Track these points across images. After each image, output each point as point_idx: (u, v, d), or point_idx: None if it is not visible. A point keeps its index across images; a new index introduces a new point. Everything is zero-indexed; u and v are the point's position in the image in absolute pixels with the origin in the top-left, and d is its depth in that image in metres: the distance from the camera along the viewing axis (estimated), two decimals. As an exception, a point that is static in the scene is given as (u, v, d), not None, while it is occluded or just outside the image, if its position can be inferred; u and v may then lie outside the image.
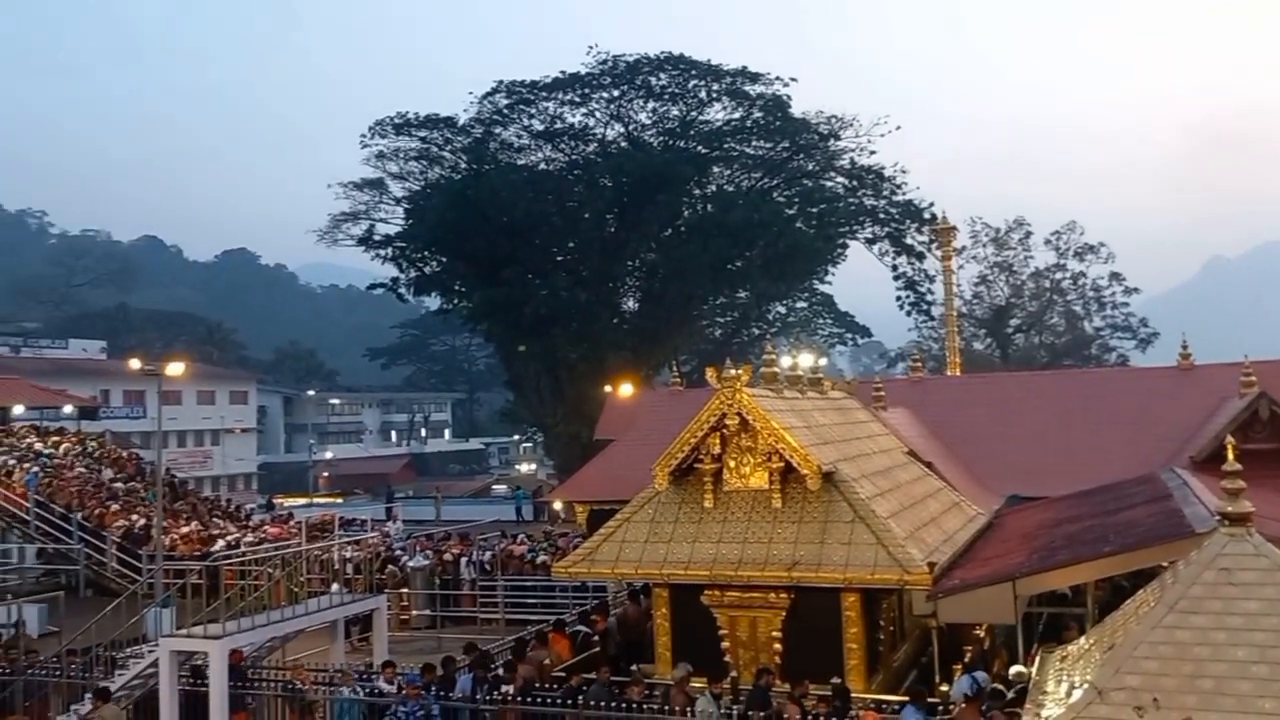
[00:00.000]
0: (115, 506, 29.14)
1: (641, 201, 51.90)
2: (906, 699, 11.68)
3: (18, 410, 35.25)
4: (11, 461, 30.90)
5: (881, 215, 55.27)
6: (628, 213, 53.24)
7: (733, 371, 13.75)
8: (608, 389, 34.73)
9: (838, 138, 55.15)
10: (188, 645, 14.04)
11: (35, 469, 30.25)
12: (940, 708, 11.56)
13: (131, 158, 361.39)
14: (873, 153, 54.85)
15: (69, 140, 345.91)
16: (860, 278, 59.18)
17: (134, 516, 28.51)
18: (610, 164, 53.43)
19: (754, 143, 55.84)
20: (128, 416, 60.46)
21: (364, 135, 55.29)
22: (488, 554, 25.08)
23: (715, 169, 56.60)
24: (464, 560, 24.74)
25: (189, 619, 14.72)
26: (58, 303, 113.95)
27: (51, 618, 21.12)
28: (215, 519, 30.38)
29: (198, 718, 13.82)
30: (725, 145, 55.46)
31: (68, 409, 37.41)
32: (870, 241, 55.62)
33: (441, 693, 13.25)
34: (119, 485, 31.56)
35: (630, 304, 57.49)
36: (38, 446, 32.77)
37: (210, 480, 66.75)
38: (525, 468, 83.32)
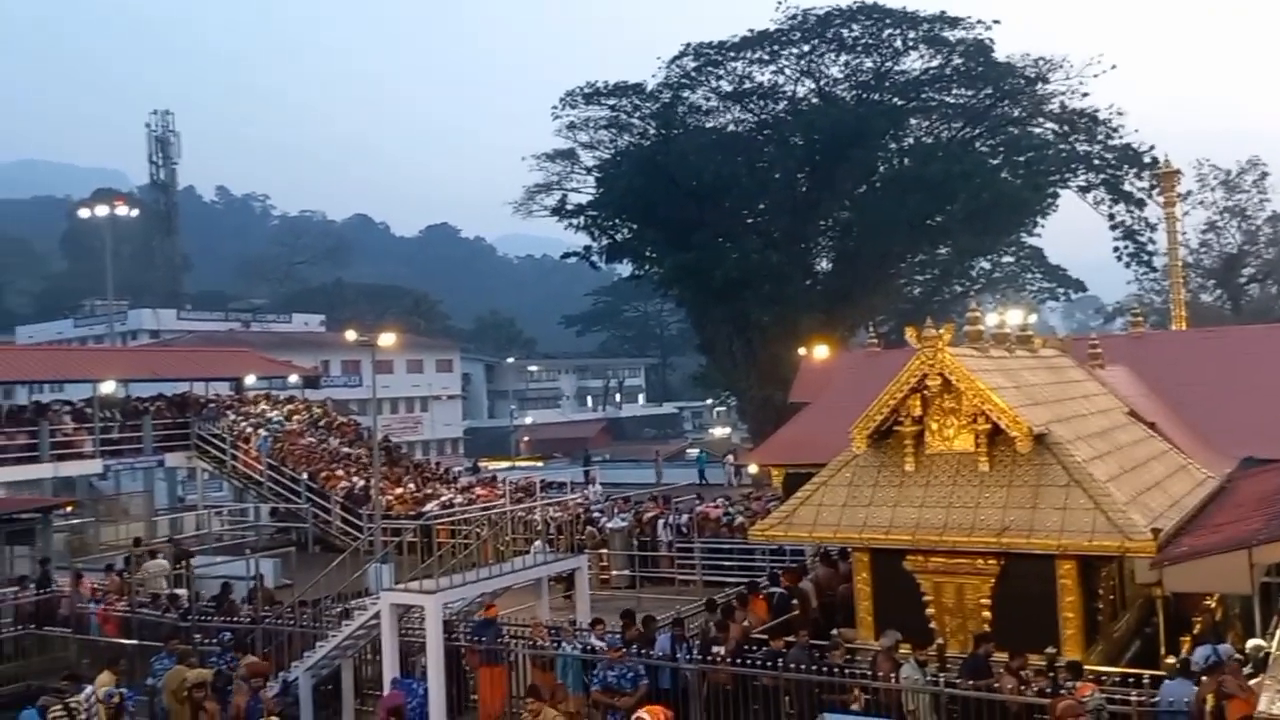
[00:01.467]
0: (338, 469, 31.09)
1: (834, 158, 50.66)
2: (1165, 673, 10.96)
3: (250, 380, 38.01)
4: (248, 429, 33.40)
5: (1096, 161, 51.91)
6: (820, 171, 52.09)
7: (933, 331, 13.22)
8: (801, 351, 34.21)
9: (1046, 81, 52.02)
10: (405, 599, 14.78)
11: (266, 435, 32.61)
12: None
13: (343, 140, 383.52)
14: (1085, 95, 51.49)
15: (288, 125, 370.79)
16: (1073, 229, 55.89)
17: (354, 478, 30.34)
18: (801, 122, 52.36)
19: (954, 91, 53.45)
20: (345, 385, 64.30)
21: (555, 107, 56.30)
22: (684, 516, 25.27)
23: (912, 121, 54.55)
24: (661, 522, 25.03)
25: (406, 574, 15.49)
26: (281, 280, 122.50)
27: (285, 571, 22.77)
28: (427, 481, 31.94)
29: (452, 669, 14.55)
30: (923, 95, 53.32)
31: (293, 379, 40.05)
32: (1084, 190, 52.39)
33: (643, 652, 13.44)
34: (341, 449, 33.66)
35: (823, 264, 56.40)
36: (270, 414, 35.30)
37: (420, 444, 70.26)
38: (719, 431, 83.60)
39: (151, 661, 15.41)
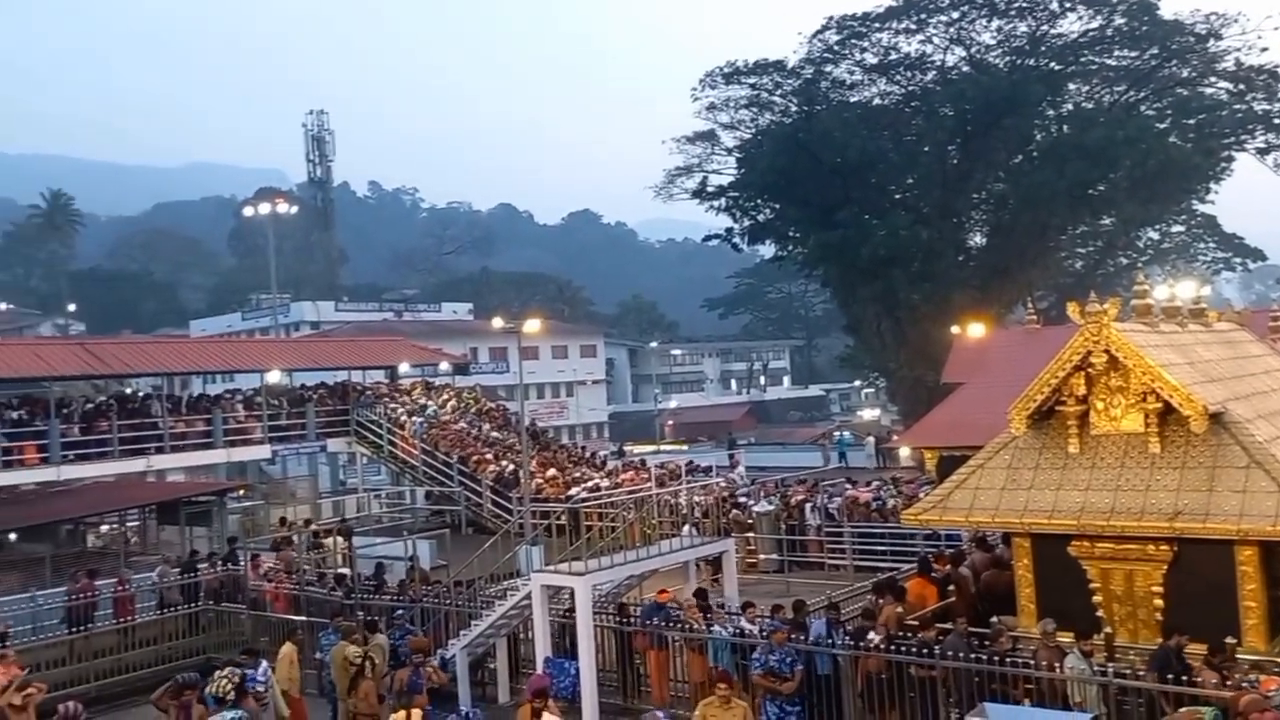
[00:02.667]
0: (488, 454, 31.85)
1: (987, 129, 48.81)
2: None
3: (403, 368, 39.34)
4: (403, 415, 34.57)
5: (1277, 120, 48.40)
6: (972, 142, 50.27)
7: (1098, 305, 12.52)
8: (954, 330, 33.08)
9: (1219, 37, 48.68)
10: (555, 580, 15.00)
11: (420, 420, 33.69)
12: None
13: (488, 131, 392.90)
14: (1264, 50, 48.01)
15: (435, 119, 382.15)
16: (1250, 194, 52.25)
17: (504, 462, 31.03)
18: (951, 91, 50.57)
19: (1116, 53, 50.68)
20: (493, 371, 65.85)
21: (695, 88, 55.98)
22: (834, 500, 24.83)
23: (1071, 86, 51.96)
24: (809, 506, 24.66)
25: (555, 556, 15.70)
26: (431, 270, 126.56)
27: (439, 552, 23.48)
28: (574, 465, 32.39)
29: (622, 650, 14.82)
30: (1082, 59, 50.76)
31: (444, 366, 41.21)
32: (1262, 151, 49.01)
33: (794, 637, 13.24)
34: (490, 434, 34.49)
35: (977, 239, 54.46)
36: (424, 401, 36.45)
37: (566, 429, 71.41)
38: (868, 414, 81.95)
39: (319, 636, 16.09)
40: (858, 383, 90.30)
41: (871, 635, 12.81)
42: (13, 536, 25.47)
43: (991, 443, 13.69)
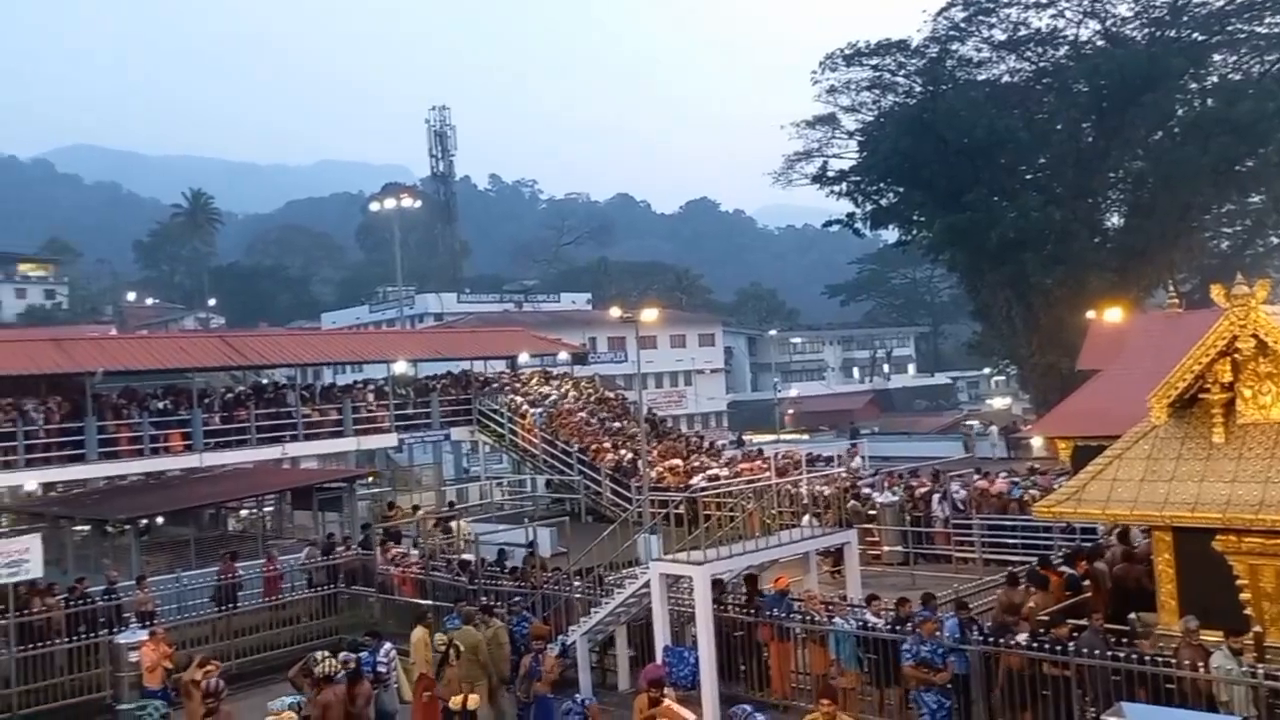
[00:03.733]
0: (606, 443, 32.03)
1: (1124, 104, 46.68)
2: None
3: (523, 358, 39.91)
4: (524, 404, 35.05)
5: None
6: (1107, 119, 48.19)
7: (1244, 287, 11.77)
8: (1090, 315, 31.83)
9: (1381, -1, 45.49)
10: (673, 569, 14.93)
11: (540, 410, 34.12)
12: None
13: (604, 122, 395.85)
14: None
15: (552, 112, 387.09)
16: None
17: (622, 451, 31.16)
18: (1085, 67, 48.57)
19: (1266, 19, 47.76)
20: (611, 361, 66.16)
21: (815, 72, 55.16)
22: (962, 491, 24.08)
23: (1215, 57, 49.38)
24: (936, 497, 23.99)
25: (674, 545, 15.64)
26: (550, 261, 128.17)
27: (560, 540, 23.72)
28: (693, 454, 32.29)
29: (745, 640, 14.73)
30: (1228, 27, 48.09)
31: (562, 355, 41.69)
32: None
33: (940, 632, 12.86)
34: (609, 423, 34.66)
35: (1113, 220, 52.29)
36: (545, 390, 36.89)
37: (685, 418, 71.40)
38: (997, 402, 79.49)
39: (444, 621, 16.42)
40: (987, 370, 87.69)
41: (1019, 636, 12.33)
42: (160, 520, 26.80)
43: (1130, 432, 13.04)
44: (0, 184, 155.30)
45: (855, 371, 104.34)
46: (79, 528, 25.27)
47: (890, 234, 62.81)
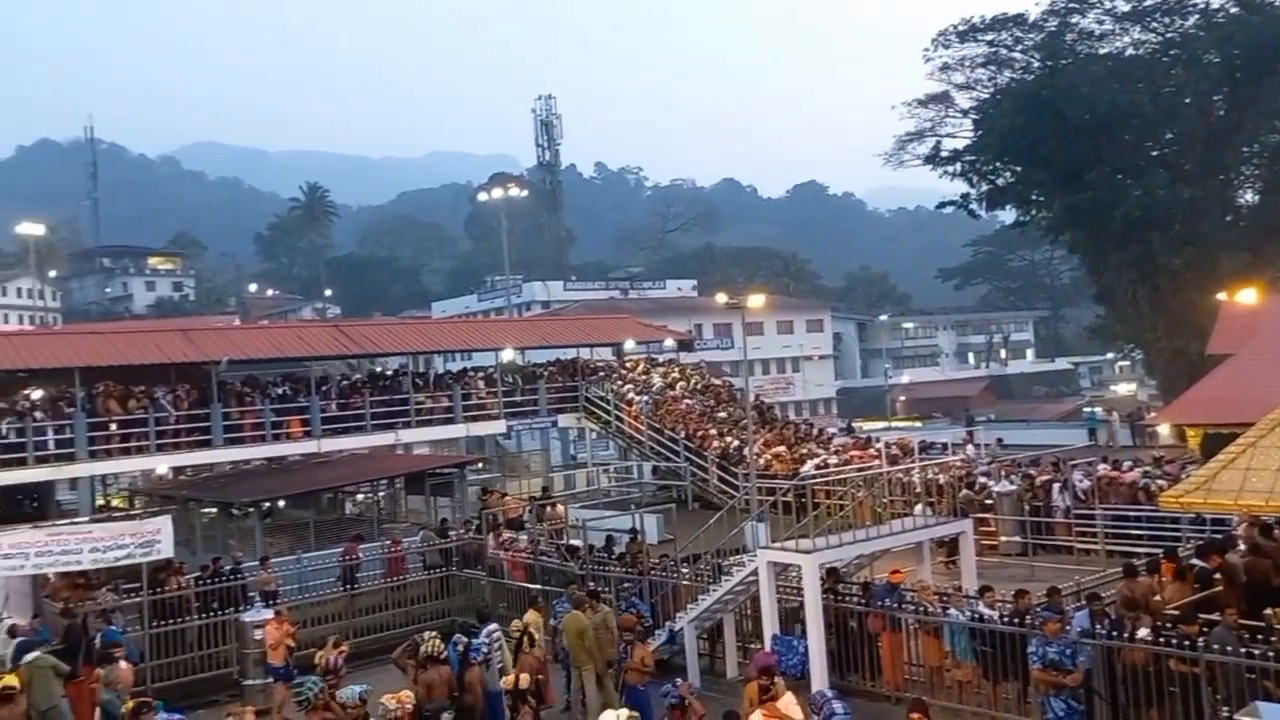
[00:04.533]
0: (712, 429, 31.85)
1: (1259, 75, 44.39)
2: None
3: (629, 345, 39.99)
4: (630, 391, 35.12)
5: None
6: (1240, 90, 45.85)
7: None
8: (1221, 297, 30.27)
9: None
10: (782, 557, 14.72)
11: (646, 397, 34.14)
12: None
13: (709, 107, 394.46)
14: None
15: (657, 99, 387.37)
16: None
17: (728, 438, 30.94)
18: (1217, 36, 46.17)
19: None
20: (718, 347, 65.94)
21: (927, 49, 53.77)
22: (1085, 480, 23.13)
23: (1361, 21, 46.32)
24: (1057, 486, 23.10)
25: (782, 533, 15.42)
26: (655, 248, 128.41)
27: (666, 527, 23.68)
28: (801, 441, 31.88)
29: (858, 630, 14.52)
30: (1375, -12, 45.09)
31: (668, 343, 41.60)
32: None
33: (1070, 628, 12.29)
34: (716, 410, 34.47)
35: (1247, 197, 49.81)
36: (650, 378, 36.89)
37: (793, 405, 70.66)
38: (1122, 388, 76.44)
39: (553, 604, 16.54)
40: (1110, 355, 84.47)
41: (1140, 630, 11.71)
42: (281, 503, 27.75)
43: (1265, 419, 12.37)
44: (132, 182, 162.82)
45: (970, 357, 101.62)
46: (207, 510, 26.33)
47: (1007, 215, 61.01)
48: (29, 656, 14.07)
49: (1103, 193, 45.51)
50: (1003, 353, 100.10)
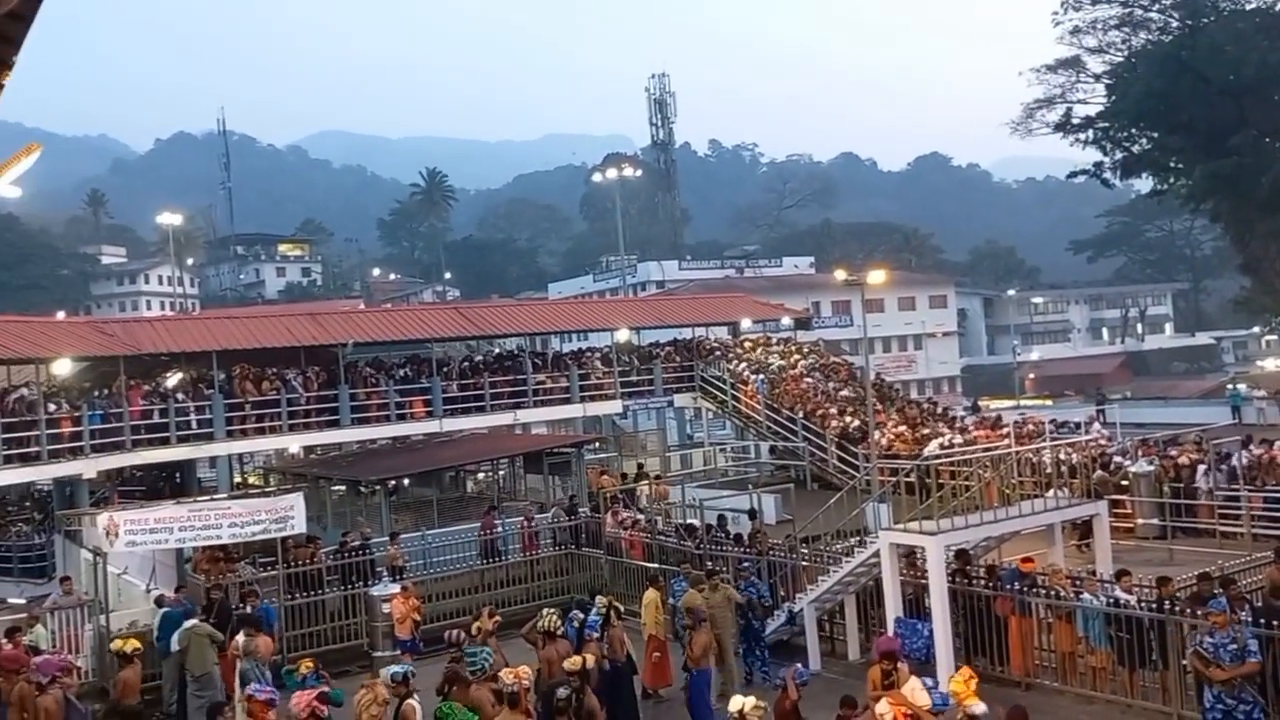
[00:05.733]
0: (832, 409, 31.32)
1: None
2: None
3: (745, 324, 39.63)
4: (746, 371, 34.80)
5: None
6: (1407, 45, 42.53)
7: None
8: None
9: None
10: (905, 539, 14.36)
11: (763, 377, 33.79)
12: None
13: (826, 81, 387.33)
14: None
15: (771, 75, 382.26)
16: None
17: (848, 418, 30.38)
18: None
19: None
20: (836, 325, 64.81)
21: (1056, 12, 51.40)
22: (1239, 460, 21.91)
23: None
24: (1201, 467, 21.94)
25: (904, 514, 15.03)
26: (771, 225, 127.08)
27: (784, 507, 23.39)
28: (925, 420, 31.09)
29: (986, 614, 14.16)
30: None
31: (785, 321, 41.08)
32: None
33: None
34: (835, 390, 33.88)
35: (1407, 160, 46.10)
36: (768, 357, 36.47)
37: (915, 384, 69.07)
38: (1269, 364, 72.26)
39: (671, 583, 16.51)
40: (1256, 329, 79.86)
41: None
42: (406, 481, 28.47)
43: None
44: (262, 171, 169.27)
45: (1104, 333, 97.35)
46: (336, 488, 27.20)
47: (1143, 183, 58.04)
48: (188, 624, 14.79)
49: (1249, 158, 43.03)
50: (1139, 327, 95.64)
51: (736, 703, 9.02)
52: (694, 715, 13.25)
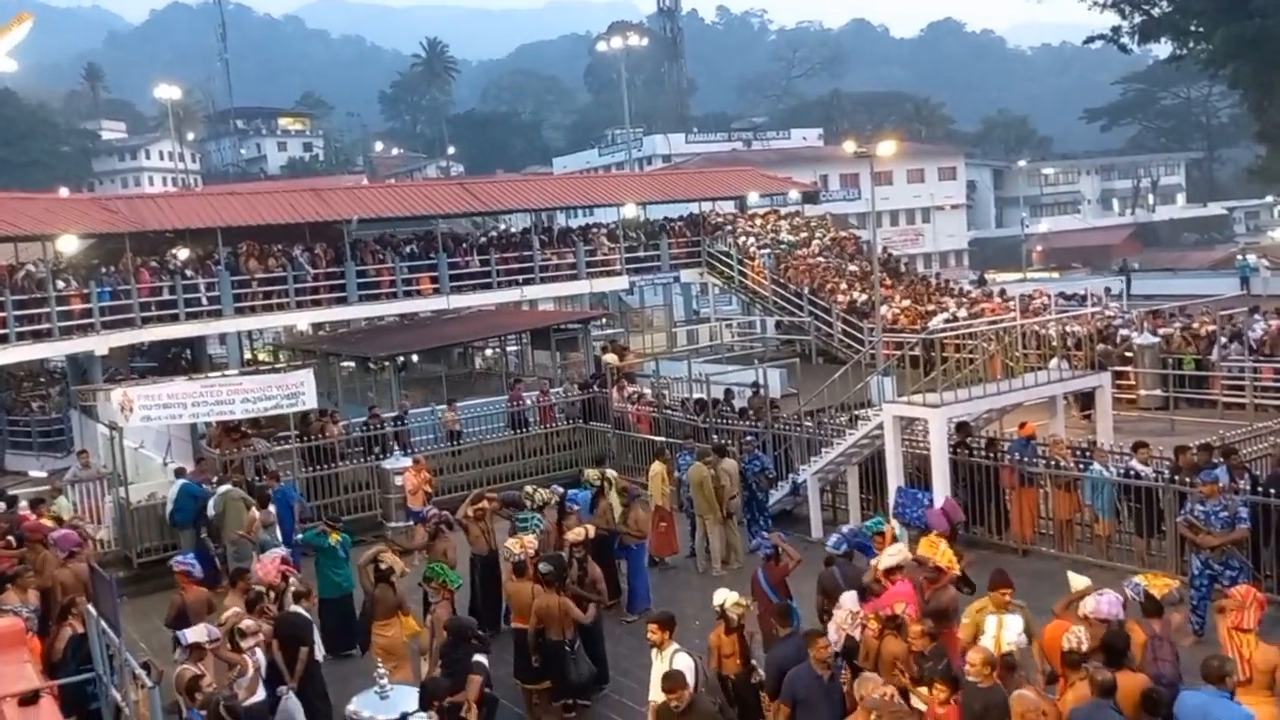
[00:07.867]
0: (840, 283, 31.28)
1: None
2: None
3: (753, 198, 39.20)
4: (753, 246, 34.61)
5: None
6: None
7: None
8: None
9: None
10: (908, 411, 14.52)
11: (769, 251, 33.62)
12: None
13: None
14: None
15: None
16: None
17: (855, 292, 30.36)
18: None
19: None
20: (844, 199, 64.01)
21: None
22: (1257, 329, 21.98)
23: None
24: (1222, 339, 22.03)
25: (908, 387, 15.17)
26: (779, 96, 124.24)
27: (789, 381, 23.59)
28: (930, 294, 31.08)
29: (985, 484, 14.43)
30: None
31: (793, 194, 40.61)
32: None
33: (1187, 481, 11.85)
34: (842, 263, 33.75)
35: None
36: (774, 234, 36.22)
37: (922, 257, 68.63)
38: (1280, 234, 71.61)
39: (677, 457, 16.82)
40: (1270, 199, 78.71)
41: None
42: (415, 358, 28.69)
43: None
44: (258, 42, 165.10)
45: (1115, 204, 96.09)
46: (345, 364, 27.43)
47: (1161, 48, 56.55)
48: (222, 489, 15.22)
49: (1272, 20, 41.77)
50: (1150, 198, 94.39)
51: (720, 596, 9.10)
52: (632, 584, 13.61)
